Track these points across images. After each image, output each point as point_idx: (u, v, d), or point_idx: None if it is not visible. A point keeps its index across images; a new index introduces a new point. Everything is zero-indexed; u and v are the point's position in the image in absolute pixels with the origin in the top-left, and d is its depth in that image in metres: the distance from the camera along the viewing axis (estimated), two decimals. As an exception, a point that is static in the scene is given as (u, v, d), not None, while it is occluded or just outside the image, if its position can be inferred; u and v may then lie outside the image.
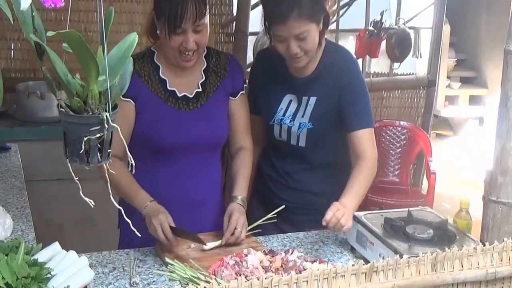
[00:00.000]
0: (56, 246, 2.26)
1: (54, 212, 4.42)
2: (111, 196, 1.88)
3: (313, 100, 2.92)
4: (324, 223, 2.56)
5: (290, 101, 2.97)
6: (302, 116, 2.93)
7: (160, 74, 2.81)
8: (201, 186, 2.89)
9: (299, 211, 3.06)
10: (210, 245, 2.65)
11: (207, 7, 2.67)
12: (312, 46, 2.77)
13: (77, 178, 1.83)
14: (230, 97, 2.91)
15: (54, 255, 2.19)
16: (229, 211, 2.76)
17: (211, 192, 2.95)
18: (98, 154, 1.80)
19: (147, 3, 5.16)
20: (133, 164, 1.89)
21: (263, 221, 2.82)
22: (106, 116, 1.74)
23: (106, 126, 1.75)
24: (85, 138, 1.75)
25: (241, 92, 2.93)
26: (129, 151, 1.93)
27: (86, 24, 4.98)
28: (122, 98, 2.58)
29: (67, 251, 2.23)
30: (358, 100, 2.90)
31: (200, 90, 2.85)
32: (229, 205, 2.81)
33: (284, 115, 2.97)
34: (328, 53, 2.92)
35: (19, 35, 4.97)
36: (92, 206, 1.83)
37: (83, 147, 1.76)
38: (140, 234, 2.10)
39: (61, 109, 1.79)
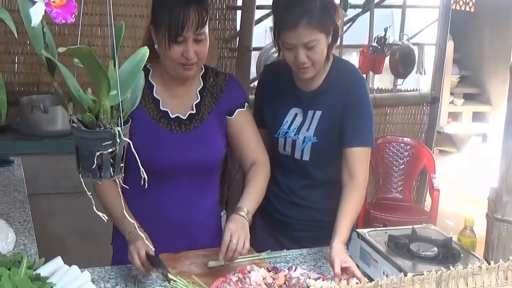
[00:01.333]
0: (58, 260, 2.25)
1: (56, 226, 4.41)
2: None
3: (318, 114, 2.91)
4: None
5: (296, 115, 2.96)
6: (307, 130, 2.92)
7: (154, 94, 2.76)
8: (195, 208, 2.83)
9: (300, 227, 3.06)
10: (212, 264, 2.63)
11: (208, 15, 2.62)
12: (320, 57, 2.77)
13: (90, 193, 1.83)
14: (227, 116, 2.83)
15: (56, 270, 2.19)
16: (227, 224, 2.62)
17: (207, 214, 2.89)
18: (111, 169, 1.80)
19: (150, 18, 5.17)
20: (145, 178, 1.87)
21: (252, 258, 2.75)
22: (118, 130, 1.74)
23: (118, 140, 1.74)
24: (98, 153, 1.75)
25: (238, 110, 2.84)
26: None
27: (89, 38, 5.00)
28: None
29: (70, 265, 2.23)
30: (359, 116, 2.88)
31: (194, 111, 2.79)
32: (231, 215, 2.69)
33: (289, 128, 2.96)
34: (335, 68, 2.92)
35: (23, 48, 5.00)
36: (106, 221, 1.82)
37: (95, 162, 1.76)
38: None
39: (73, 124, 1.78)
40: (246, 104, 2.89)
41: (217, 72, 2.89)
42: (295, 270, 2.45)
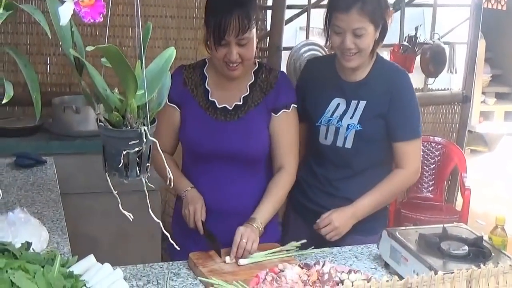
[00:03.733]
0: (91, 258, 2.27)
1: (88, 225, 4.44)
2: (149, 210, 1.89)
3: (362, 103, 2.98)
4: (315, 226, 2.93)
5: (338, 104, 3.02)
6: (351, 118, 2.98)
7: (206, 85, 2.90)
8: (236, 197, 2.91)
9: None
10: (243, 261, 2.65)
11: (252, 22, 2.72)
12: (366, 46, 2.86)
13: (116, 192, 1.84)
14: (272, 113, 2.91)
15: (89, 268, 2.21)
16: (239, 227, 2.74)
17: (247, 204, 2.92)
18: (137, 168, 1.82)
19: (181, 18, 5.21)
20: (171, 177, 1.90)
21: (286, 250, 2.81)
22: (145, 130, 1.76)
23: (145, 140, 1.76)
24: (124, 152, 1.77)
25: (283, 110, 2.91)
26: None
27: (121, 39, 5.02)
28: (169, 104, 2.80)
29: (102, 264, 2.25)
30: (407, 110, 2.99)
31: (241, 103, 2.89)
32: (244, 225, 2.77)
33: (331, 116, 3.01)
34: (379, 63, 3.03)
35: (55, 49, 5.03)
36: (131, 220, 1.84)
37: (122, 161, 1.78)
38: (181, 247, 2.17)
39: (100, 123, 1.80)
40: (293, 105, 2.94)
41: (270, 68, 2.99)
42: (323, 266, 2.45)
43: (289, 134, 2.95)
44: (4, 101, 1.68)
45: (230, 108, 2.88)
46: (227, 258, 2.67)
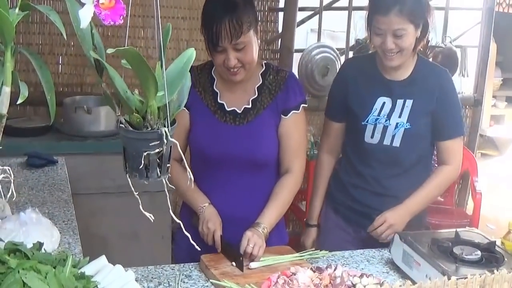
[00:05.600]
0: (103, 259, 2.27)
1: (99, 225, 4.45)
2: (170, 211, 1.90)
3: (409, 102, 3.01)
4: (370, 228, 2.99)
5: (384, 103, 3.05)
6: (399, 116, 3.01)
7: (214, 87, 2.87)
8: (242, 203, 2.88)
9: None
10: (254, 265, 2.64)
11: (246, 26, 2.67)
12: (407, 46, 2.90)
13: (137, 193, 1.84)
14: (282, 115, 2.87)
15: (101, 269, 2.21)
16: (245, 232, 2.73)
17: (254, 210, 2.89)
18: (158, 169, 1.82)
19: (193, 20, 5.22)
20: (192, 178, 1.89)
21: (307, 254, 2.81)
22: (165, 131, 1.76)
23: (165, 141, 1.76)
24: (145, 153, 1.77)
25: (293, 112, 2.88)
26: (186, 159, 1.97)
27: (133, 40, 5.04)
28: None
29: (113, 264, 2.24)
30: (453, 109, 3.06)
31: (250, 106, 2.86)
32: (249, 229, 2.76)
33: (378, 114, 3.04)
34: (422, 61, 3.08)
35: (66, 49, 5.05)
36: (152, 221, 1.83)
37: (142, 162, 1.78)
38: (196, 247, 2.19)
39: (120, 124, 1.80)
40: (302, 105, 2.92)
41: (278, 69, 2.95)
42: (335, 269, 2.44)
43: (297, 135, 2.92)
44: (19, 102, 1.68)
45: (240, 112, 2.85)
46: (252, 264, 2.64)
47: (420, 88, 3.01)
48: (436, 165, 3.18)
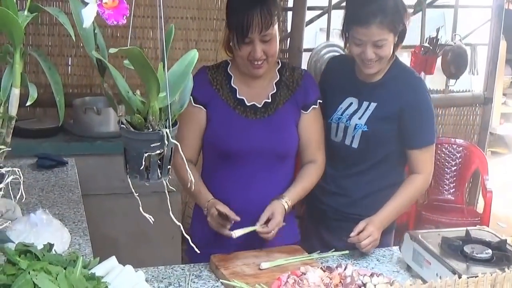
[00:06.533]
0: (113, 260, 2.27)
1: (109, 226, 4.46)
2: (170, 213, 1.89)
3: (373, 105, 2.97)
4: (348, 240, 2.80)
5: (351, 103, 3.03)
6: (359, 118, 2.98)
7: (232, 83, 2.90)
8: (263, 196, 2.87)
9: (336, 216, 3.10)
10: (265, 265, 2.64)
11: (274, 18, 2.74)
12: (387, 54, 2.86)
13: (137, 194, 1.84)
14: (302, 111, 2.93)
15: (111, 269, 2.21)
16: (271, 206, 2.78)
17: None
18: (158, 171, 1.81)
19: (202, 20, 5.23)
20: (193, 180, 1.89)
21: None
22: (167, 132, 1.75)
23: (166, 142, 1.76)
24: (146, 155, 1.76)
25: (313, 107, 2.94)
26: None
27: (142, 40, 5.04)
28: (195, 105, 2.82)
29: (123, 265, 2.25)
30: (421, 117, 2.96)
31: (270, 101, 2.90)
32: (273, 201, 2.81)
33: (342, 114, 3.02)
34: (396, 65, 3.01)
35: (76, 51, 5.05)
36: (152, 222, 1.83)
37: (143, 163, 1.77)
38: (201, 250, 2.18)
39: (121, 125, 1.80)
40: (319, 100, 2.97)
41: (293, 67, 3.02)
42: (345, 269, 2.44)
43: (318, 128, 2.99)
44: (28, 104, 1.69)
45: (260, 106, 2.89)
46: (263, 264, 2.64)
47: (386, 92, 2.97)
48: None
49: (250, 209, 2.83)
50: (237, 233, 2.67)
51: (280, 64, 2.96)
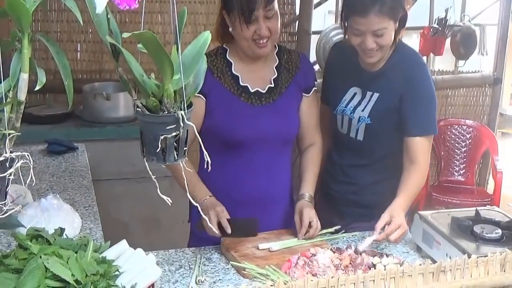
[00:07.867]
0: (124, 244, 2.28)
1: (120, 210, 4.48)
2: (188, 194, 1.90)
3: (375, 96, 2.92)
4: (375, 234, 2.65)
5: (355, 94, 2.98)
6: (362, 110, 2.94)
7: (233, 71, 2.86)
8: (271, 182, 2.91)
9: (345, 202, 3.10)
10: (275, 247, 2.65)
11: None
12: (388, 42, 2.78)
13: (154, 177, 1.85)
14: (304, 94, 2.94)
15: (122, 253, 2.22)
16: (299, 208, 2.79)
17: (281, 188, 2.97)
18: (175, 153, 1.82)
19: (210, 4, 5.21)
20: (209, 161, 1.90)
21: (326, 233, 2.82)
22: (182, 114, 1.76)
23: (182, 124, 1.76)
24: (162, 137, 1.77)
25: (314, 89, 2.96)
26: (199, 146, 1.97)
27: (150, 25, 5.03)
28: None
29: (134, 249, 2.26)
30: (422, 105, 2.87)
31: (273, 85, 2.88)
32: (297, 203, 2.83)
33: (346, 106, 2.99)
34: (397, 52, 2.91)
35: (85, 37, 5.06)
36: (170, 204, 1.84)
37: (159, 146, 1.78)
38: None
39: (137, 109, 1.81)
40: (316, 83, 2.99)
41: (289, 50, 3.01)
42: (355, 250, 2.45)
43: (316, 111, 3.02)
44: (36, 88, 1.69)
45: (264, 92, 2.87)
46: (273, 247, 2.65)
47: (387, 82, 2.89)
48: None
49: (259, 195, 2.86)
50: (274, 247, 2.65)
51: (277, 48, 2.94)
